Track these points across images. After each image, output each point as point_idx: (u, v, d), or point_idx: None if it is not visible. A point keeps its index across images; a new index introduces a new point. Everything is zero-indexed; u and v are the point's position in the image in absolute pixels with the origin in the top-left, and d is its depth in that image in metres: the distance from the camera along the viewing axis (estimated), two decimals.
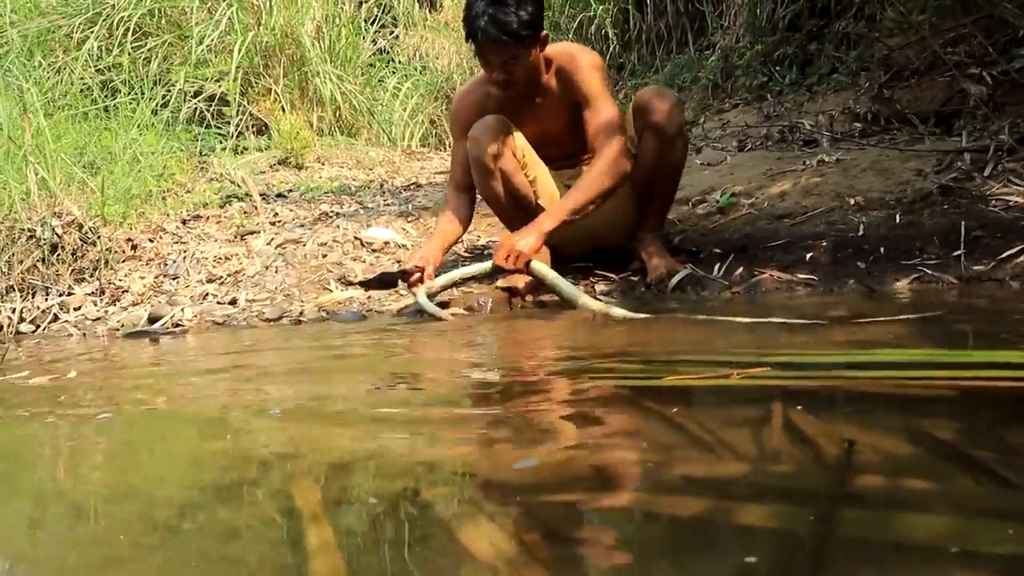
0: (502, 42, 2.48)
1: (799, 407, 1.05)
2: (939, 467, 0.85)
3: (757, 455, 0.90)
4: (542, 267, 2.52)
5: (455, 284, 2.63)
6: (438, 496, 0.88)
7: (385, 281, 2.71)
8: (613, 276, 2.84)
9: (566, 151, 2.81)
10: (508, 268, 2.52)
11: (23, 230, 3.59)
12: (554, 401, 1.31)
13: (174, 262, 3.70)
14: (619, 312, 2.14)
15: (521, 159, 2.77)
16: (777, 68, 4.97)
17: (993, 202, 2.69)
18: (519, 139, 2.77)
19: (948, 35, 3.77)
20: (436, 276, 2.67)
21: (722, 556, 0.68)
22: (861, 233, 2.72)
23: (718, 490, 0.81)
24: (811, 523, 0.70)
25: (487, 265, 2.59)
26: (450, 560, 0.72)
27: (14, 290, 3.53)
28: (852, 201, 2.97)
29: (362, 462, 1.03)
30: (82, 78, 5.50)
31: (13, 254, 3.58)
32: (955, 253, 2.43)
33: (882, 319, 1.77)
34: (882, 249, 2.57)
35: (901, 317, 1.79)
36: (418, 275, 2.64)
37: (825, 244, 2.68)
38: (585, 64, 2.62)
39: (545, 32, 2.59)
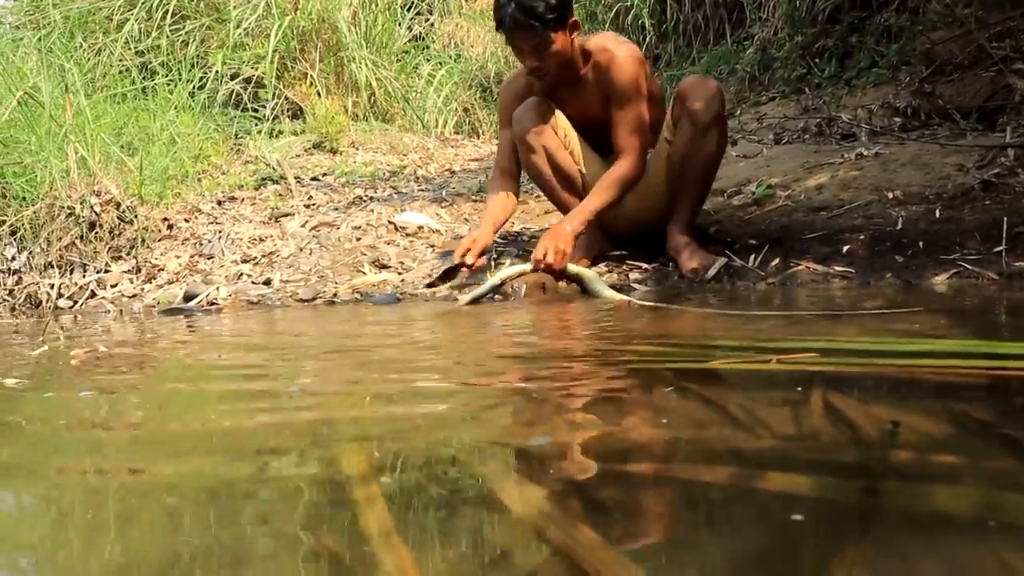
0: (527, 25, 2.51)
1: (838, 391, 1.04)
2: (977, 445, 0.86)
3: (797, 433, 0.90)
4: (578, 269, 2.61)
5: (497, 287, 2.63)
6: (477, 463, 0.89)
7: (447, 274, 2.71)
8: (646, 266, 2.83)
9: (608, 139, 2.82)
10: (547, 267, 2.55)
11: (62, 207, 3.65)
12: (593, 381, 1.31)
13: (209, 242, 3.74)
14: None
15: (563, 137, 2.84)
16: (816, 61, 4.91)
17: None
18: (561, 119, 2.83)
19: (994, 29, 3.70)
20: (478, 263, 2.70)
21: (766, 518, 0.69)
22: (899, 227, 2.68)
23: (759, 462, 0.81)
24: (855, 493, 0.70)
25: (527, 266, 2.61)
26: (492, 516, 0.73)
27: (53, 266, 3.60)
28: (891, 195, 2.93)
29: (400, 433, 1.04)
30: (121, 59, 5.57)
31: (52, 231, 3.64)
32: (996, 249, 2.39)
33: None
34: (921, 243, 2.54)
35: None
36: (470, 254, 2.65)
37: (862, 237, 2.65)
38: (620, 60, 2.64)
39: (575, 19, 2.61)
